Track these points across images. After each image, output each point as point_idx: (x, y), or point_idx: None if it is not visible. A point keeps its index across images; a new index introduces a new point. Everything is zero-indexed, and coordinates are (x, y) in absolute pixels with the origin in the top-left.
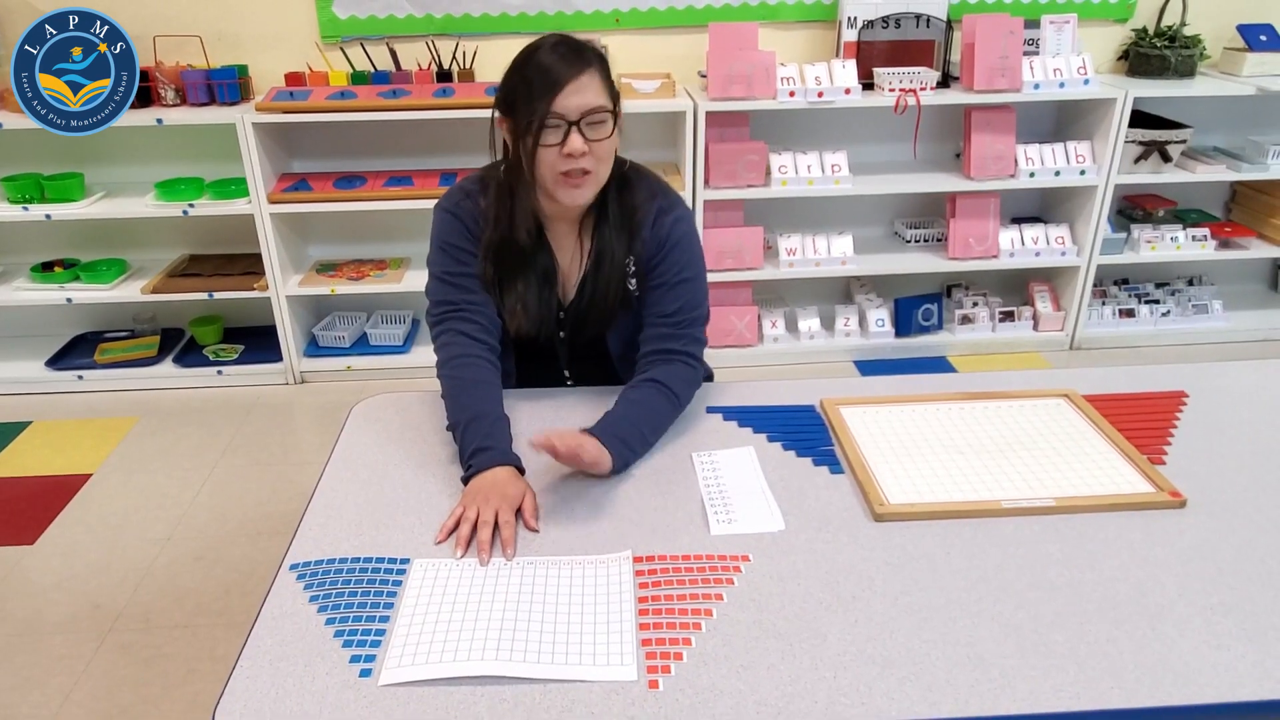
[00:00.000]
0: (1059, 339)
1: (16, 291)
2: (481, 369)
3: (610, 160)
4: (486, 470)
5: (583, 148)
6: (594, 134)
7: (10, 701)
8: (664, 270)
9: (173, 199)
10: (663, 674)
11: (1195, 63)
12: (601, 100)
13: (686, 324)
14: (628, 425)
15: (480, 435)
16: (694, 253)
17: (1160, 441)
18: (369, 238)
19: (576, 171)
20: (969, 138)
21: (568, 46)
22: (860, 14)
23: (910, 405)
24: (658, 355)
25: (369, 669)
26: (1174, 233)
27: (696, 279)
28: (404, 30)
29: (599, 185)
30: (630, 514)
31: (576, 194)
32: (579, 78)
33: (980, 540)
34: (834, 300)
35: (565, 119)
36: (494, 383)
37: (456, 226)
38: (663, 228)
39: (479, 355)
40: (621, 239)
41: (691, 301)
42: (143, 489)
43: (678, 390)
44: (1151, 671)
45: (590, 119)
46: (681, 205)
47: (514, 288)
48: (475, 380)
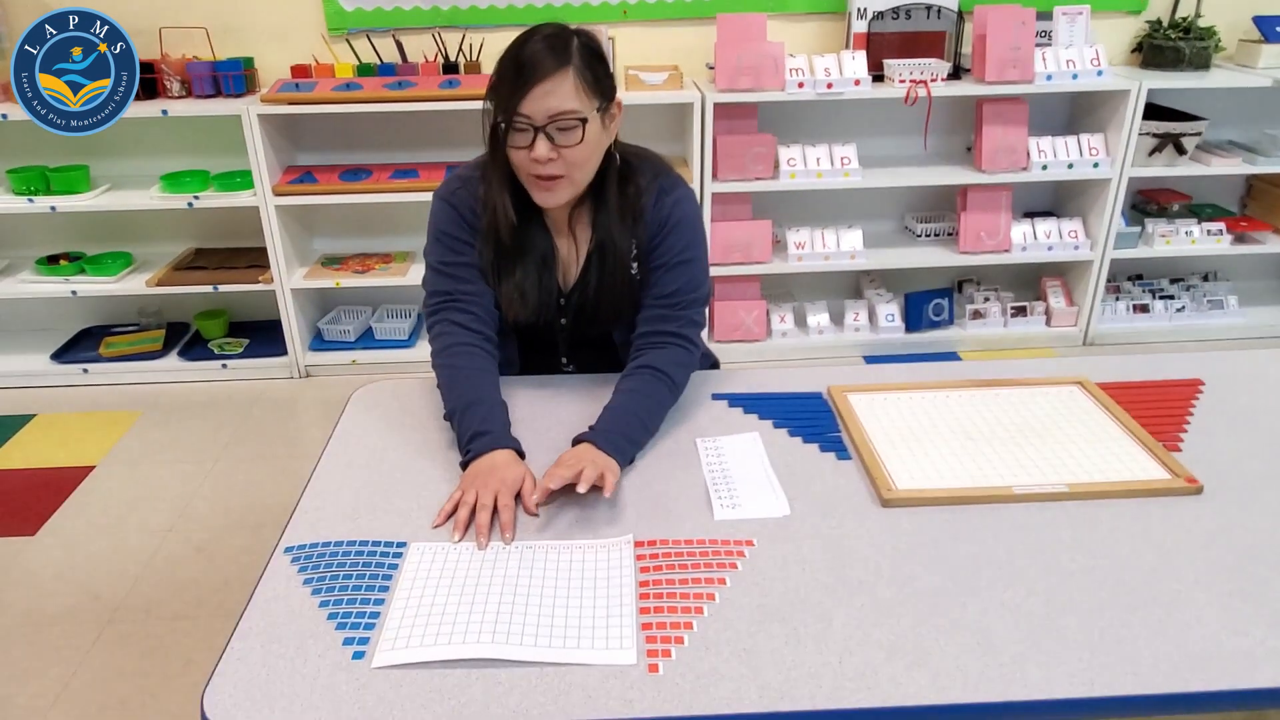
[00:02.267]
0: (1072, 334)
1: (22, 284)
2: (477, 357)
3: (589, 163)
4: (485, 454)
5: (548, 154)
6: (562, 139)
7: (9, 691)
8: (664, 251)
9: (178, 191)
10: (663, 658)
11: (1210, 55)
12: (572, 104)
13: (684, 305)
14: (628, 419)
15: (478, 420)
16: (696, 233)
17: (1176, 429)
18: (374, 231)
19: (546, 175)
20: (980, 130)
21: (558, 40)
22: (870, 5)
23: (919, 392)
24: (653, 338)
25: (362, 651)
26: (1189, 227)
27: (697, 260)
28: (410, 22)
29: (576, 188)
30: (632, 499)
31: (548, 196)
32: (551, 78)
33: (991, 526)
34: (843, 295)
35: (532, 123)
36: (490, 370)
37: (452, 215)
38: (663, 208)
39: (474, 344)
40: (625, 228)
41: (691, 283)
42: (145, 481)
43: (674, 375)
44: (1167, 658)
45: (559, 123)
46: (683, 185)
47: (512, 274)
48: (471, 368)
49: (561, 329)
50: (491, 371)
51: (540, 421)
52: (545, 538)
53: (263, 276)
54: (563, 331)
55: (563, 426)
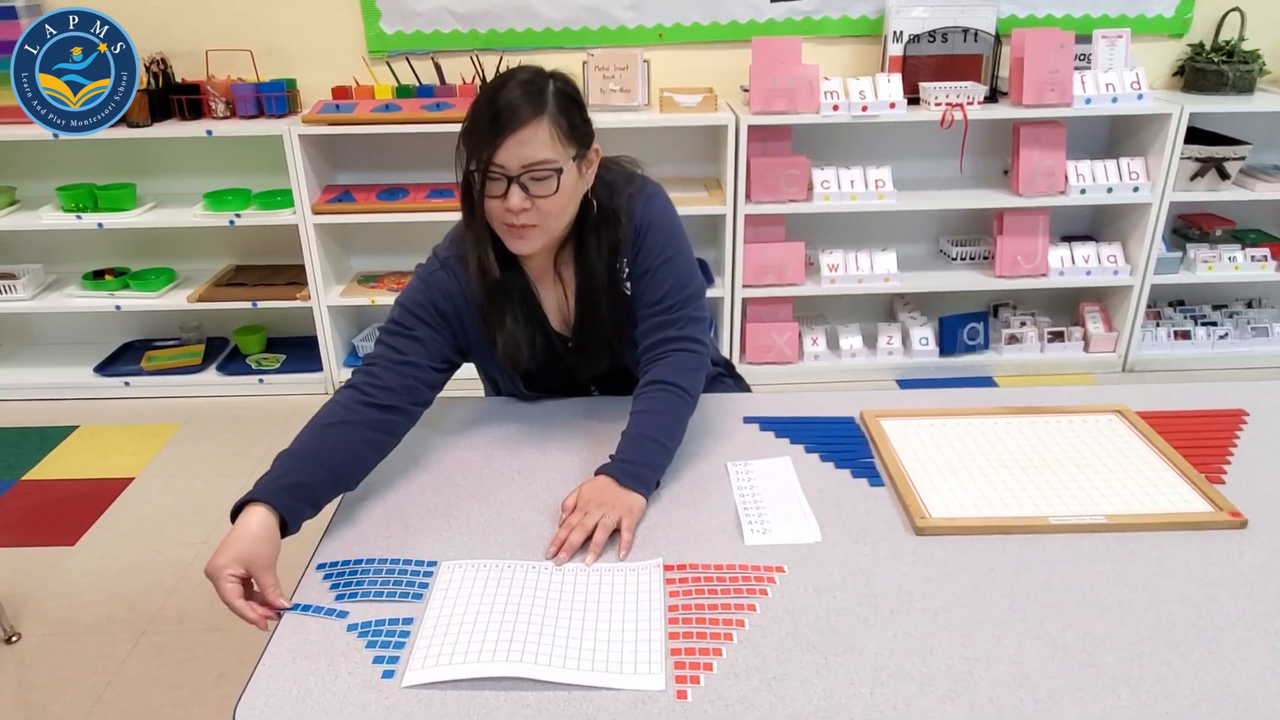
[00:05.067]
0: (1111, 360)
1: (68, 298)
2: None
3: (562, 213)
4: (248, 507)
5: (522, 204)
6: (537, 189)
7: (44, 700)
8: (644, 257)
9: (220, 209)
10: (691, 684)
11: (1254, 78)
12: (547, 154)
13: (678, 306)
14: (645, 444)
15: (281, 468)
16: (671, 229)
17: (1219, 460)
18: (410, 249)
19: (519, 224)
20: (1017, 153)
21: (533, 86)
22: (906, 28)
23: (954, 419)
24: (656, 349)
25: (391, 670)
26: (1232, 252)
27: (678, 255)
28: (448, 45)
29: (548, 235)
30: (662, 522)
31: (522, 245)
32: (525, 127)
33: (1026, 557)
34: (877, 318)
35: (506, 173)
36: (349, 436)
37: (419, 297)
38: (634, 216)
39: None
40: (603, 264)
41: (679, 281)
42: (182, 494)
43: (684, 384)
44: (1209, 696)
45: (533, 173)
46: (650, 184)
47: (502, 325)
48: (329, 422)
49: (577, 368)
50: (349, 437)
51: (574, 441)
52: (575, 559)
53: (300, 294)
54: (580, 373)
55: (592, 449)
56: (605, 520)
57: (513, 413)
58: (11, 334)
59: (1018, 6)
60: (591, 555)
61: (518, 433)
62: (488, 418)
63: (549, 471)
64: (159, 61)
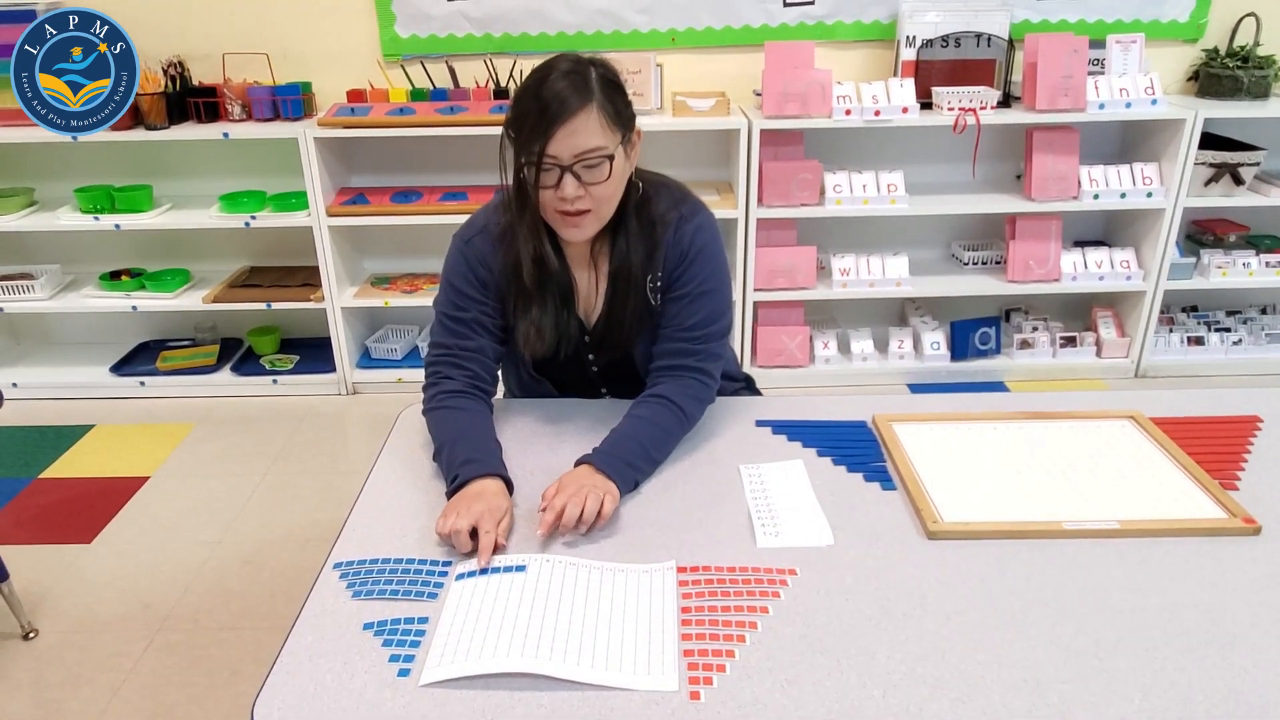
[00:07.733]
0: (1123, 366)
1: (85, 298)
2: (469, 402)
3: (614, 196)
4: (474, 480)
5: (577, 192)
6: (589, 177)
7: (59, 697)
8: (685, 282)
9: (236, 211)
10: (704, 685)
11: (1269, 84)
12: (598, 141)
13: (703, 339)
14: (631, 445)
15: (468, 449)
16: (717, 263)
17: (1233, 466)
18: (423, 251)
19: (574, 211)
20: (1030, 158)
21: (577, 75)
22: (919, 33)
23: (967, 423)
24: (671, 371)
25: (407, 669)
26: (1246, 258)
27: (718, 290)
28: (463, 49)
29: (602, 221)
30: (675, 524)
31: (576, 232)
32: (575, 117)
33: (1039, 561)
34: (888, 322)
35: (559, 163)
36: (483, 412)
37: (463, 269)
38: (684, 237)
39: (465, 393)
40: (640, 254)
41: (711, 315)
42: (196, 493)
43: (686, 407)
44: (1223, 702)
45: (585, 161)
46: (704, 212)
47: (528, 312)
48: (462, 409)
49: (590, 362)
50: (484, 414)
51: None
52: (589, 559)
53: (314, 295)
54: (593, 366)
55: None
56: (589, 503)
57: (527, 414)
58: (29, 333)
59: (1031, 11)
60: (583, 526)
61: (532, 434)
62: (502, 419)
63: (562, 472)
64: (176, 65)
